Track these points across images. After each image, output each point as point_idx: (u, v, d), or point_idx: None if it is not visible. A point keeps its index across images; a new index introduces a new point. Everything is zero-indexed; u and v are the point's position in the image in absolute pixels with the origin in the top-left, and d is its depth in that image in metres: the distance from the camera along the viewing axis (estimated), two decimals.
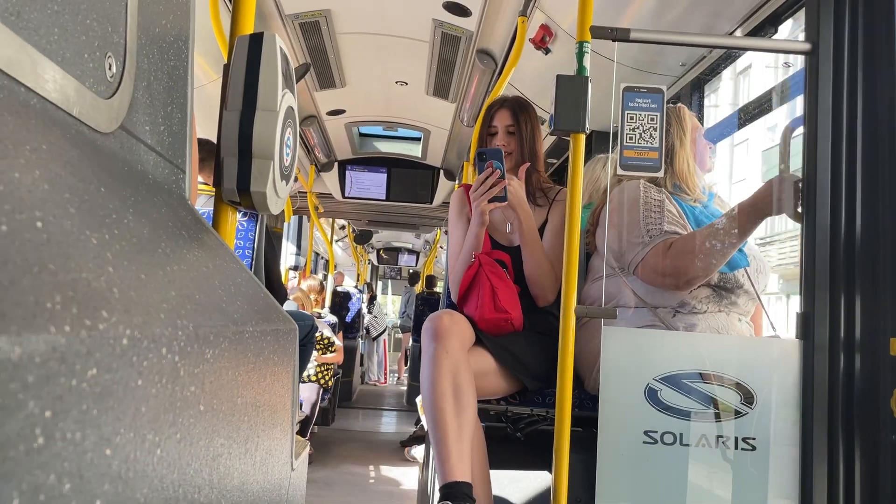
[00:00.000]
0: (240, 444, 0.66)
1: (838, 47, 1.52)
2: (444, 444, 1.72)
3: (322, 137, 5.11)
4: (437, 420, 1.74)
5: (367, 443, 5.89)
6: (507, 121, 2.19)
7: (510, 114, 2.19)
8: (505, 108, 2.21)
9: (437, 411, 1.74)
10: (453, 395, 1.75)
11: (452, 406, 1.75)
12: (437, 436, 1.74)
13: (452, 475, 1.69)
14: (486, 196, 1.93)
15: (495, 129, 2.19)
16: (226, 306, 0.67)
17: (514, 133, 2.18)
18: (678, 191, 2.00)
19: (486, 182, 1.93)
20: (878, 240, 1.43)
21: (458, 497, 1.66)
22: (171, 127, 0.81)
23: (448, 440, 1.72)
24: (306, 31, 3.37)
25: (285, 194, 1.09)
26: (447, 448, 1.71)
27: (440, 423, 1.74)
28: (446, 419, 1.73)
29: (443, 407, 1.74)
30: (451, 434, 1.72)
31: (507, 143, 2.17)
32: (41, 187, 0.42)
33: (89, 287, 0.39)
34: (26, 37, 0.50)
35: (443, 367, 1.77)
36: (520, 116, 2.18)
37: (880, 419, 1.38)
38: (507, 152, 2.15)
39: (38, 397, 0.31)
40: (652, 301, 1.91)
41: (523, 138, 2.17)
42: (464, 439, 1.74)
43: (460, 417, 1.74)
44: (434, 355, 1.79)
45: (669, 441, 1.58)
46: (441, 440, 1.72)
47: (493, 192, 1.93)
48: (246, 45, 1.01)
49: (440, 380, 1.76)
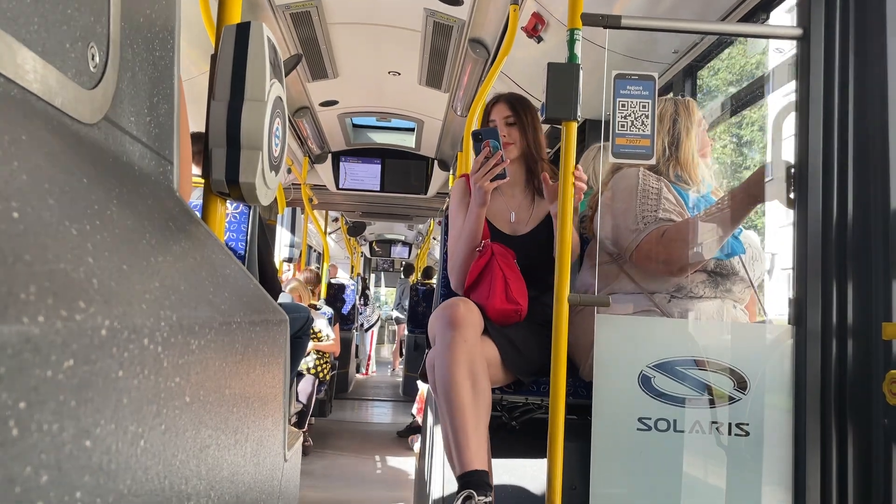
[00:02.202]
0: (229, 435, 0.66)
1: (830, 32, 1.52)
2: (463, 432, 1.71)
3: (315, 129, 5.10)
4: (455, 408, 1.73)
5: (364, 433, 5.91)
6: (504, 112, 2.19)
7: (507, 106, 2.20)
8: (501, 102, 2.22)
9: (456, 399, 1.73)
10: (471, 384, 1.75)
11: (470, 394, 1.74)
12: (454, 424, 1.72)
13: (471, 464, 1.68)
14: (487, 175, 1.93)
15: (494, 123, 2.18)
16: (212, 297, 0.66)
17: (514, 123, 2.18)
18: (680, 180, 2.01)
19: (488, 162, 1.93)
20: (869, 225, 1.43)
21: (479, 486, 1.65)
22: (157, 118, 0.81)
23: (467, 428, 1.71)
24: (297, 21, 3.35)
25: (275, 185, 1.08)
26: (466, 436, 1.70)
27: (458, 412, 1.72)
28: (465, 407, 1.72)
29: (461, 394, 1.73)
30: (470, 422, 1.71)
31: (509, 134, 2.17)
32: (19, 178, 0.41)
33: (67, 278, 0.38)
34: (5, 27, 0.49)
35: (460, 356, 1.76)
36: (518, 107, 2.19)
37: (873, 403, 1.39)
38: (509, 143, 2.15)
39: (10, 389, 0.30)
40: (648, 287, 1.92)
41: (524, 127, 2.17)
42: (481, 427, 1.73)
43: (477, 406, 1.74)
44: (451, 343, 1.78)
45: (663, 428, 1.58)
46: (459, 429, 1.71)
47: (496, 171, 1.93)
48: (233, 34, 1.00)
49: (458, 368, 1.75)
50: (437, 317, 1.86)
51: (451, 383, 1.74)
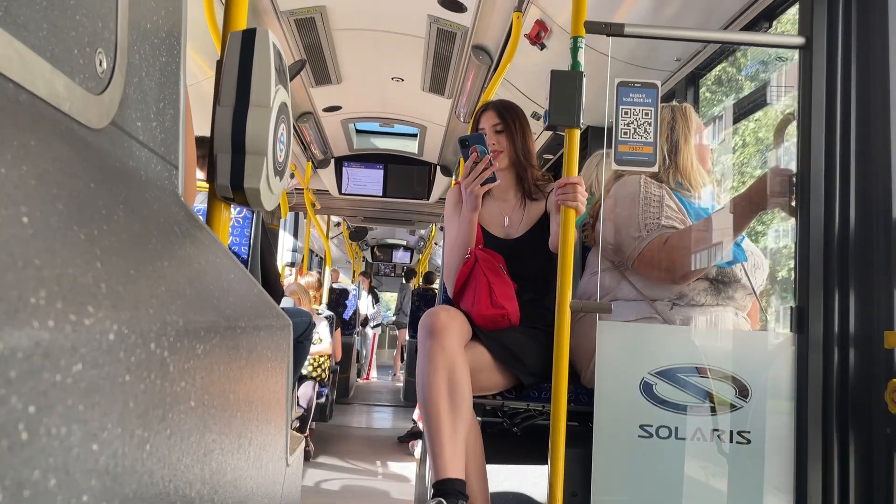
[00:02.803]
0: (232, 439, 0.66)
1: (832, 41, 1.52)
2: (439, 440, 1.72)
3: (318, 134, 5.11)
4: (432, 417, 1.74)
5: (365, 439, 5.90)
6: (493, 120, 2.21)
7: (495, 113, 2.22)
8: (489, 110, 2.24)
9: (432, 408, 1.75)
10: (448, 392, 1.76)
11: (447, 403, 1.75)
12: (431, 432, 1.74)
13: (445, 472, 1.70)
14: (478, 180, 1.96)
15: (483, 131, 2.20)
16: (217, 302, 0.67)
17: (502, 131, 2.20)
18: (680, 187, 2.01)
19: (477, 167, 1.95)
20: (871, 233, 1.43)
21: (450, 494, 1.66)
22: (163, 123, 0.81)
23: (442, 437, 1.72)
24: (302, 27, 3.36)
25: (279, 190, 1.08)
26: (441, 445, 1.72)
27: (434, 420, 1.74)
28: (441, 416, 1.74)
29: (437, 403, 1.74)
30: (446, 431, 1.73)
31: (497, 142, 2.19)
32: (28, 183, 0.42)
33: (75, 282, 0.39)
34: (15, 33, 0.50)
35: (438, 364, 1.77)
36: (505, 115, 2.21)
37: (874, 413, 1.39)
38: (498, 150, 2.17)
39: (20, 393, 0.31)
40: (650, 294, 1.92)
41: (513, 134, 2.19)
42: (458, 436, 1.74)
43: (455, 414, 1.75)
44: (430, 352, 1.79)
45: (665, 435, 1.58)
46: (435, 437, 1.73)
47: (485, 175, 1.95)
48: (239, 40, 1.01)
49: (435, 376, 1.76)
50: (420, 325, 1.88)
51: (428, 392, 1.76)
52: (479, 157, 1.95)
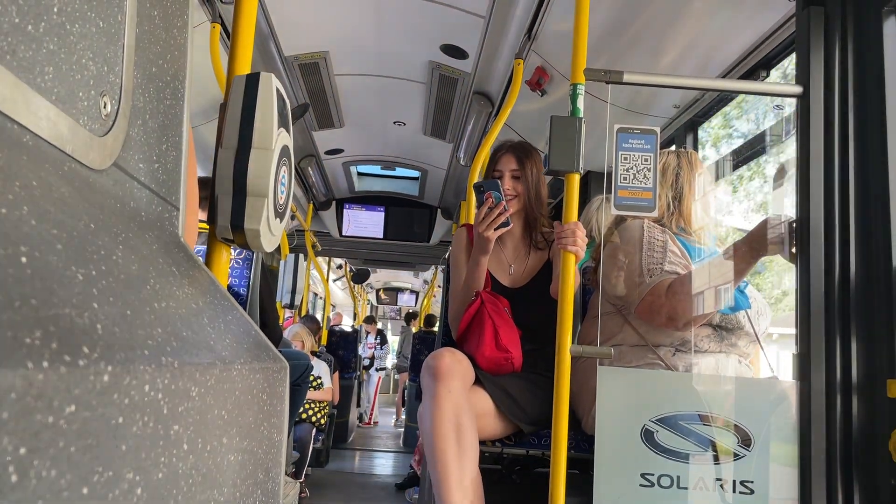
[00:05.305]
0: (226, 484, 0.65)
1: (829, 90, 1.54)
2: (447, 486, 1.68)
3: (320, 176, 5.15)
4: (439, 462, 1.70)
5: (362, 485, 5.79)
6: (512, 165, 2.18)
7: (515, 159, 2.18)
8: (510, 153, 2.20)
9: (439, 453, 1.71)
10: (455, 437, 1.72)
11: (455, 448, 1.71)
12: (438, 478, 1.70)
13: None
14: (491, 225, 1.96)
15: (500, 174, 2.18)
16: (214, 344, 0.66)
17: (520, 178, 2.17)
18: (683, 232, 2.02)
19: (491, 212, 1.96)
20: (872, 281, 1.43)
21: None
22: (165, 165, 0.82)
23: (450, 483, 1.68)
24: (305, 71, 3.42)
25: (279, 232, 1.09)
26: (449, 491, 1.67)
27: (442, 466, 1.70)
28: (448, 461, 1.70)
29: (445, 449, 1.71)
30: (453, 476, 1.69)
31: (513, 187, 2.16)
32: (28, 223, 0.42)
33: (72, 323, 0.38)
34: (20, 75, 0.50)
35: (445, 408, 1.74)
36: (525, 162, 2.17)
37: (878, 462, 1.37)
38: (512, 196, 2.15)
39: (12, 433, 0.30)
40: (653, 339, 1.91)
41: (529, 184, 2.17)
42: (465, 482, 1.70)
43: (462, 459, 1.71)
44: (436, 394, 1.76)
45: (667, 484, 1.56)
46: (442, 482, 1.69)
47: (499, 220, 1.96)
48: (242, 84, 1.02)
49: (442, 421, 1.73)
50: (425, 367, 1.84)
51: (435, 436, 1.73)
52: (494, 202, 1.97)
